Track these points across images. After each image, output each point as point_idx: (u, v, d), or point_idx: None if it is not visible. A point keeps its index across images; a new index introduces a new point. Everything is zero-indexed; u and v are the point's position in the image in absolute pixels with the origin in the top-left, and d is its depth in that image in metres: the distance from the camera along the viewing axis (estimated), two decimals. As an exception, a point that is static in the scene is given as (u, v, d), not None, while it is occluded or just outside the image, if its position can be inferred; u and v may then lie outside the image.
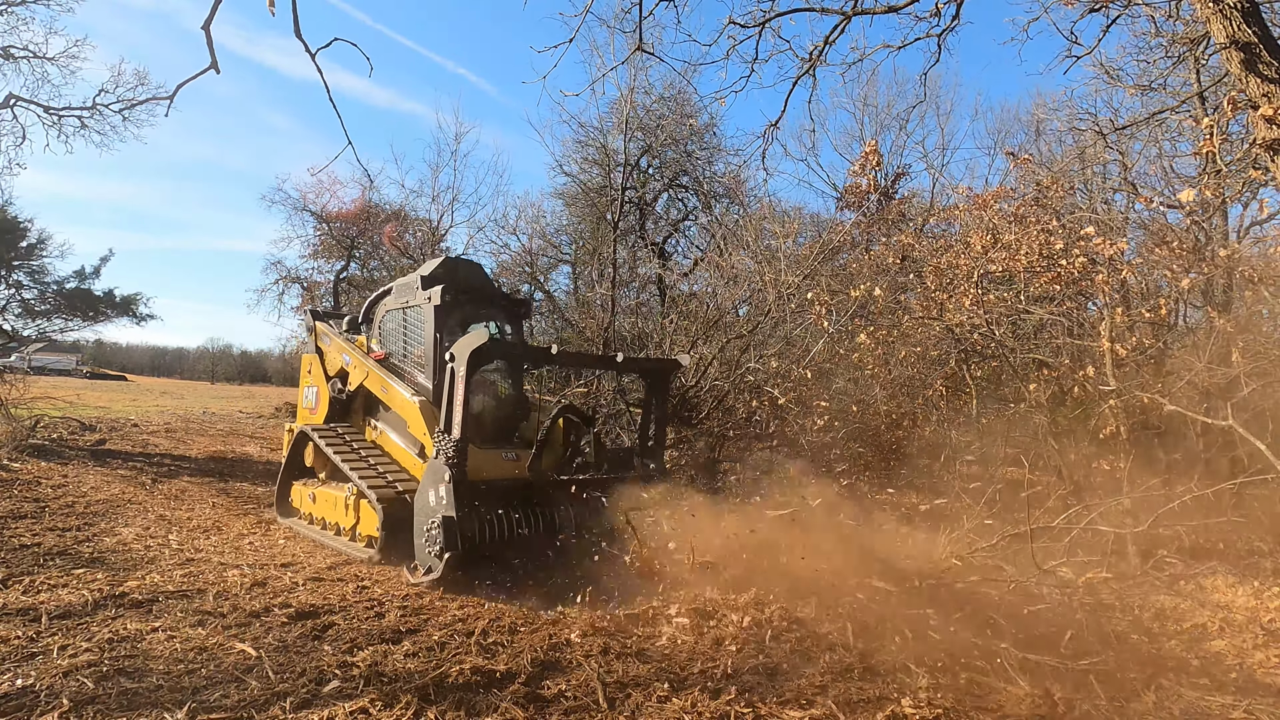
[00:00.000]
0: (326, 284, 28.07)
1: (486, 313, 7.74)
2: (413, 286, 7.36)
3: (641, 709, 3.50)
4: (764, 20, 7.31)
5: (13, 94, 14.57)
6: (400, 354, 7.55)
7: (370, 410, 7.75)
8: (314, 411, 8.35)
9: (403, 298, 7.55)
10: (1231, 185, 8.14)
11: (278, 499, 8.20)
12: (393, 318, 7.76)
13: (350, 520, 6.80)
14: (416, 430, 6.66)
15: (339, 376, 8.07)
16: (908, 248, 10.25)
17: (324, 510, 7.35)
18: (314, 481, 7.77)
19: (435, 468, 5.59)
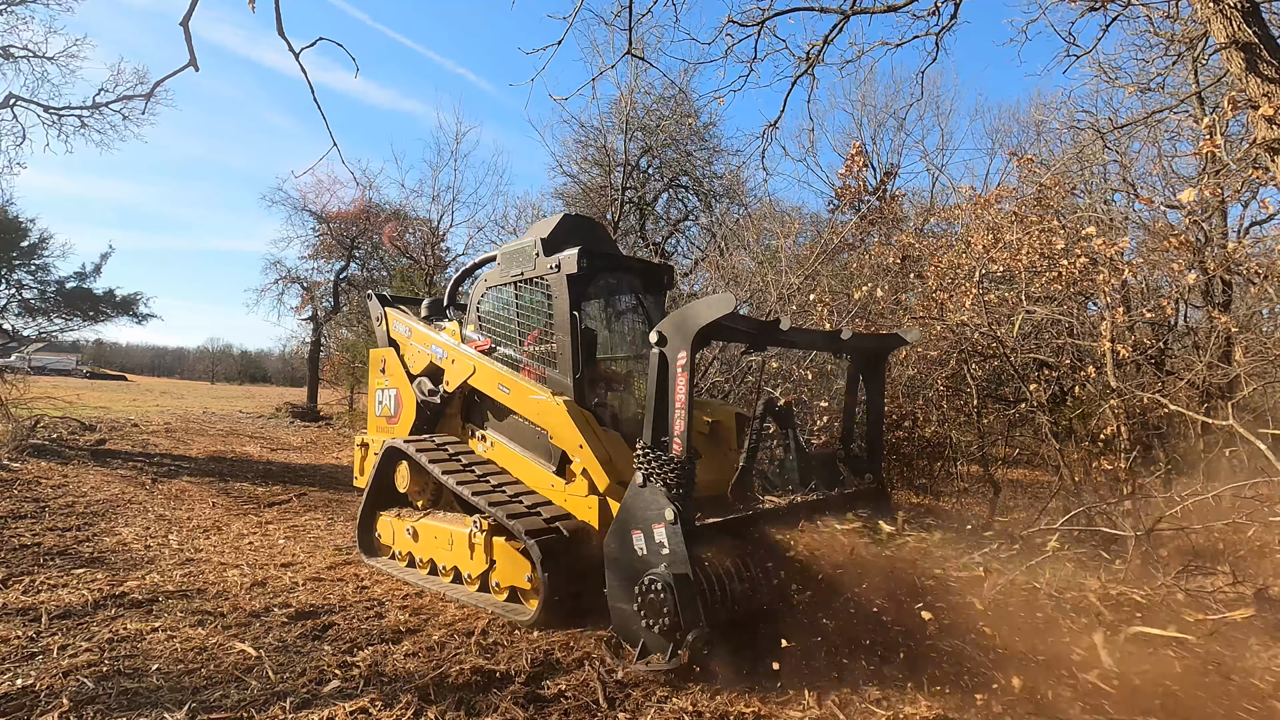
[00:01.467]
0: (326, 284, 28.11)
1: (625, 282, 6.13)
2: (528, 254, 5.68)
3: (642, 709, 3.49)
4: (762, 19, 7.31)
5: (13, 94, 14.58)
6: (512, 342, 5.88)
7: (473, 416, 6.20)
8: (394, 421, 6.73)
9: (513, 269, 5.82)
10: (1231, 185, 8.15)
11: (360, 532, 6.47)
12: (499, 296, 6.05)
13: (478, 564, 5.25)
14: (566, 441, 4.99)
15: (428, 375, 6.46)
16: (908, 247, 10.25)
17: (433, 549, 5.73)
18: (411, 512, 6.17)
19: (644, 500, 3.97)
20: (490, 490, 5.23)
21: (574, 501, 5.03)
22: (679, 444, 3.84)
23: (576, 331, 5.24)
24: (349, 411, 24.25)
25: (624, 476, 4.57)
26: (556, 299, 5.40)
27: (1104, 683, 3.49)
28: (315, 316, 28.57)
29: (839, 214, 14.99)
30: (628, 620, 3.97)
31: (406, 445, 5.90)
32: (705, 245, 18.31)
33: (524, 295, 5.80)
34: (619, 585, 4.07)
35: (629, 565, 3.99)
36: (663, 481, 3.87)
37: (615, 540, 4.12)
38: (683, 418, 3.83)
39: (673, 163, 19.73)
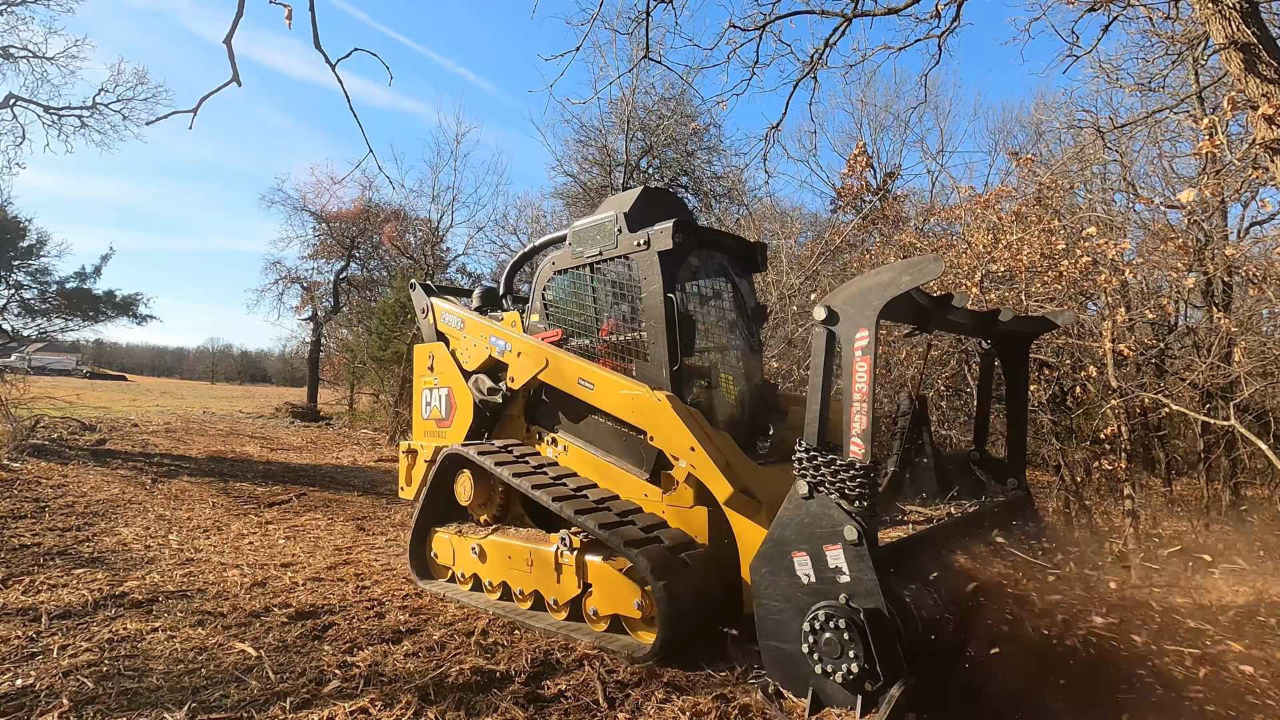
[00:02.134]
0: (326, 284, 28.13)
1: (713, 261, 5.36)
2: (607, 231, 4.95)
3: (641, 709, 3.49)
4: (764, 23, 7.32)
5: (13, 94, 14.60)
6: (585, 332, 5.20)
7: (541, 416, 5.51)
8: (445, 423, 6.03)
9: (589, 248, 5.08)
10: (1231, 185, 8.15)
11: (412, 552, 5.69)
12: (570, 281, 5.33)
13: (568, 589, 4.53)
14: (673, 443, 4.24)
15: (485, 371, 5.73)
16: (909, 247, 10.25)
17: (504, 571, 5.01)
18: (475, 528, 5.44)
19: (810, 514, 3.24)
20: (590, 506, 4.45)
21: (676, 514, 4.41)
22: (859, 445, 3.10)
23: (674, 317, 4.54)
24: (349, 412, 24.27)
25: (746, 485, 4.02)
26: (646, 280, 4.69)
27: None
28: (315, 316, 28.60)
29: (840, 214, 15.01)
30: (791, 663, 3.25)
31: (472, 452, 5.17)
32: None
33: (602, 278, 5.09)
34: (775, 619, 3.33)
35: (790, 596, 3.26)
36: (839, 491, 3.13)
37: (767, 565, 3.37)
38: (865, 413, 3.07)
39: (673, 163, 19.73)
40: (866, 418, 3.08)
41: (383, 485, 10.90)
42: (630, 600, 4.17)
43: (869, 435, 3.08)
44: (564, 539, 4.53)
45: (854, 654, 2.96)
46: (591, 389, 4.82)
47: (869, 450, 3.09)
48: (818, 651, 3.11)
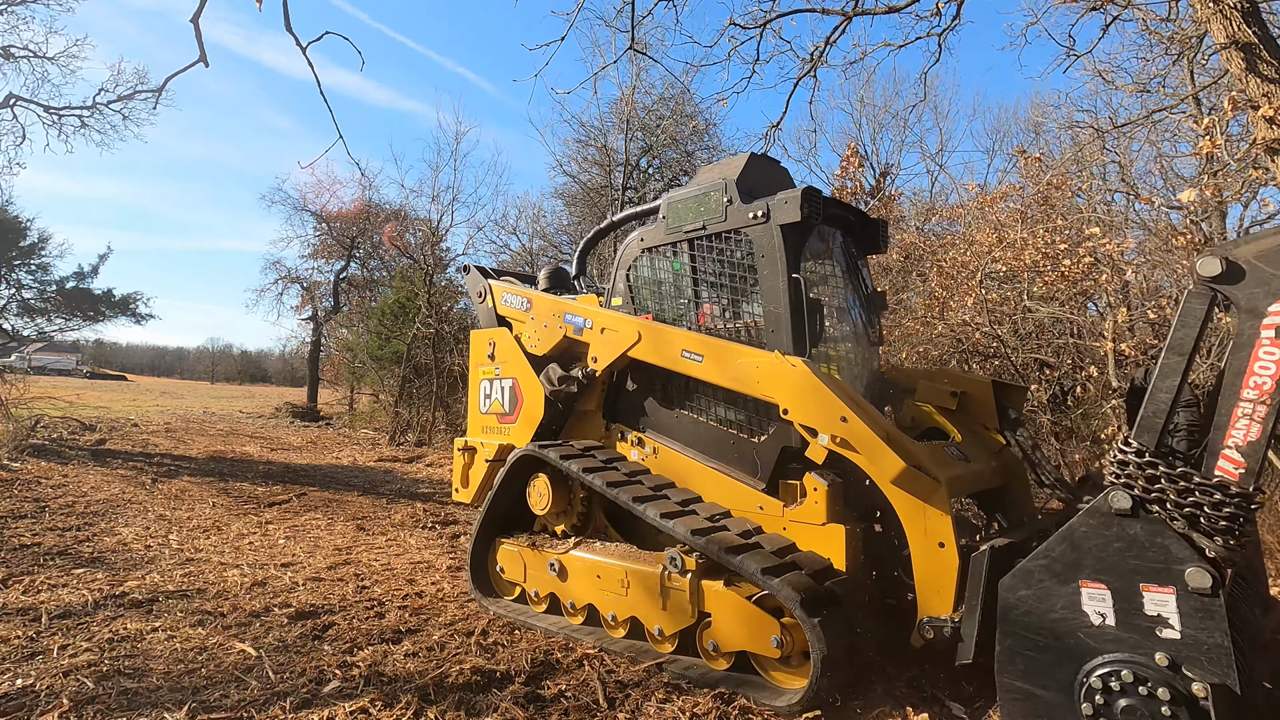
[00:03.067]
0: (326, 284, 28.14)
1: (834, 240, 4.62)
2: (714, 202, 4.27)
3: (641, 709, 3.49)
4: (765, 21, 7.34)
5: (13, 94, 14.59)
6: (680, 318, 4.56)
7: (623, 413, 4.85)
8: (508, 419, 5.33)
9: (689, 222, 4.39)
10: (1231, 185, 8.15)
11: (473, 567, 5.09)
12: (663, 260, 4.65)
13: (679, 618, 3.89)
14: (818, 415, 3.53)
15: (557, 358, 5.04)
16: (909, 246, 10.25)
17: (592, 592, 4.37)
18: (552, 540, 4.81)
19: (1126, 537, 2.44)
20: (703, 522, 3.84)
21: (800, 532, 3.77)
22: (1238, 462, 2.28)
23: (801, 300, 3.89)
24: (349, 412, 24.26)
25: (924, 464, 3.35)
26: (765, 258, 4.02)
27: None
28: (315, 316, 28.60)
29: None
30: (1045, 713, 2.54)
31: (557, 455, 4.54)
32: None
33: (704, 256, 4.42)
34: (1031, 657, 2.59)
35: (1064, 633, 2.52)
36: (1188, 519, 2.33)
37: (1032, 586, 2.60)
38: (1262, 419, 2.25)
39: (673, 163, 19.73)
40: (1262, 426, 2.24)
41: (383, 485, 10.90)
42: (766, 637, 3.51)
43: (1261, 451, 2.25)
44: (673, 559, 3.86)
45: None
46: (700, 361, 4.09)
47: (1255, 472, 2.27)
48: (1106, 716, 2.38)
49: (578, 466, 4.38)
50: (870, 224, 4.82)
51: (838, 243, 4.64)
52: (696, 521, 3.84)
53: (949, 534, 3.23)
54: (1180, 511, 2.34)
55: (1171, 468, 2.36)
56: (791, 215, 3.93)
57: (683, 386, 4.47)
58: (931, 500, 3.29)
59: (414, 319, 17.38)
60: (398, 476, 11.83)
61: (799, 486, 3.79)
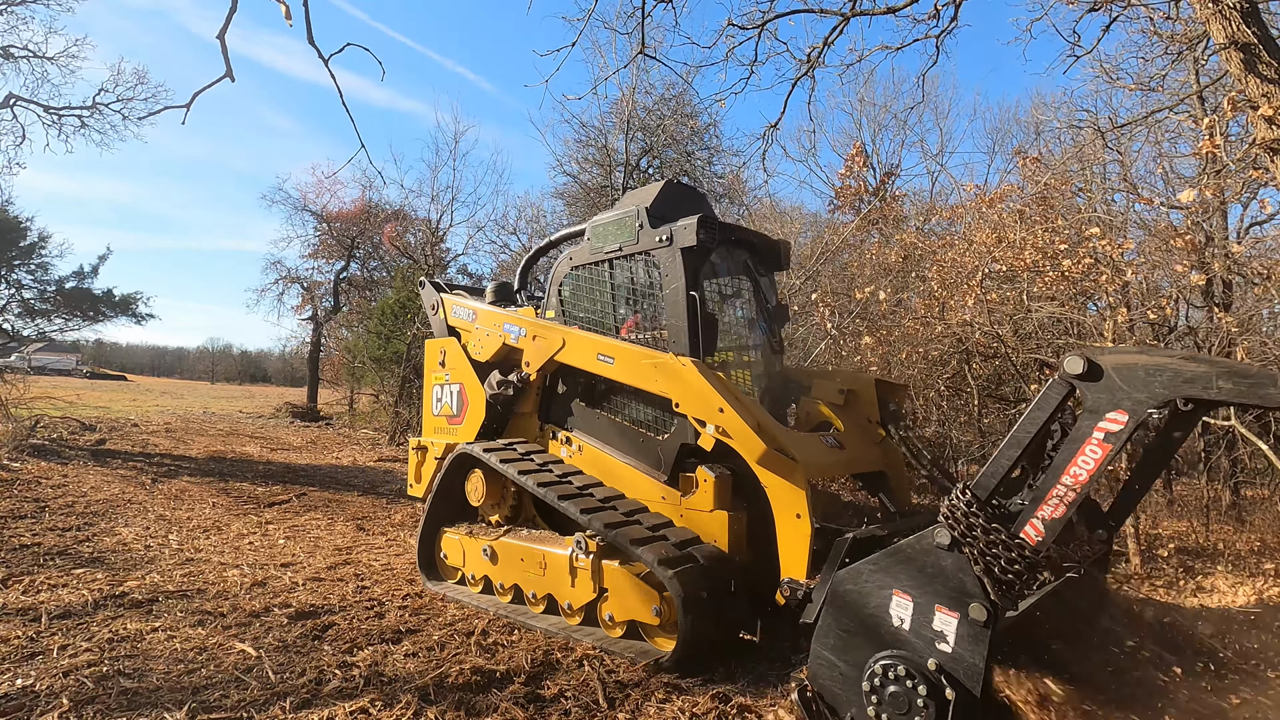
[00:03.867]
0: (326, 284, 28.14)
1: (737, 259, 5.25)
2: (628, 226, 4.82)
3: (641, 709, 3.49)
4: (762, 22, 7.33)
5: (13, 94, 14.61)
6: (604, 329, 5.03)
7: (555, 414, 5.40)
8: (456, 420, 5.89)
9: (608, 244, 4.97)
10: (1232, 185, 8.15)
11: (421, 555, 5.65)
12: (588, 276, 5.16)
13: (583, 593, 4.45)
14: (700, 406, 4.09)
15: (498, 364, 5.59)
16: (910, 247, 10.26)
17: (516, 574, 4.93)
18: (486, 529, 5.37)
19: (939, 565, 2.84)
20: (602, 508, 4.41)
21: (694, 518, 4.30)
22: (1039, 531, 2.65)
23: (696, 315, 4.40)
24: (349, 412, 24.27)
25: (784, 446, 3.86)
26: (669, 277, 4.58)
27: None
28: (315, 316, 28.60)
29: (839, 214, 15.01)
30: (841, 683, 3.02)
31: (483, 451, 5.12)
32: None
33: (622, 274, 4.98)
34: (844, 636, 3.06)
35: (871, 625, 2.97)
36: (986, 565, 2.70)
37: (859, 585, 3.03)
38: (1070, 503, 2.60)
39: (673, 163, 19.73)
40: (1066, 510, 2.61)
41: (382, 485, 10.90)
42: (648, 607, 4.08)
43: (1058, 528, 2.63)
44: (579, 542, 4.41)
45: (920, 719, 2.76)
46: (612, 363, 4.69)
47: (1048, 543, 2.63)
48: (878, 696, 2.86)
49: (498, 459, 4.97)
50: (773, 245, 5.42)
51: (743, 262, 5.27)
52: (588, 503, 4.44)
53: (804, 507, 3.76)
54: (983, 557, 2.73)
55: (988, 522, 2.74)
56: (689, 240, 4.47)
57: (603, 390, 5.07)
58: (791, 478, 3.83)
59: (414, 319, 17.38)
60: (398, 476, 11.83)
61: (693, 478, 4.32)
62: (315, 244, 27.66)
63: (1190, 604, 4.46)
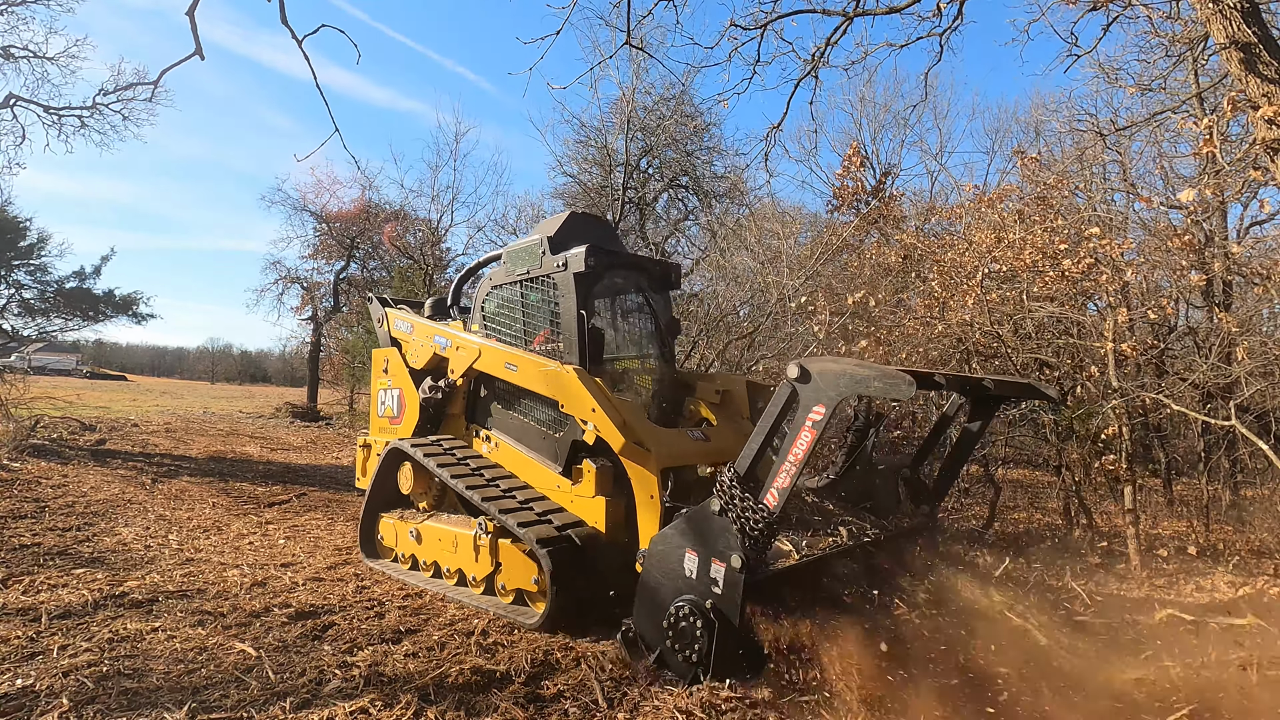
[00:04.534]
0: (326, 284, 28.12)
1: (632, 280, 6.04)
2: (534, 253, 5.59)
3: (640, 709, 3.49)
4: (765, 22, 7.32)
5: (13, 94, 14.59)
6: (518, 342, 5.76)
7: (478, 415, 6.08)
8: (396, 421, 6.65)
9: (519, 267, 5.72)
10: (1232, 185, 8.15)
11: (362, 537, 6.39)
12: (503, 295, 5.94)
13: (484, 567, 5.19)
14: (576, 407, 4.86)
15: (431, 371, 6.32)
16: (909, 247, 10.25)
17: (435, 552, 5.66)
18: (414, 514, 6.11)
19: (713, 528, 3.70)
20: (499, 495, 5.13)
21: (580, 504, 4.96)
22: (775, 498, 3.52)
23: (584, 330, 5.16)
24: (349, 412, 24.27)
25: (643, 439, 4.61)
26: (564, 297, 5.32)
27: None
28: (315, 316, 28.57)
29: (838, 215, 15.00)
30: (653, 626, 3.87)
31: (410, 446, 5.84)
32: (705, 245, 18.30)
33: (530, 294, 5.70)
34: (654, 586, 3.90)
35: (671, 576, 3.82)
36: (741, 525, 3.56)
37: (665, 545, 3.87)
38: (792, 475, 3.48)
39: (673, 163, 19.72)
40: (791, 479, 3.51)
41: (383, 485, 10.89)
42: (529, 578, 4.80)
43: (786, 493, 3.52)
44: (481, 524, 5.18)
45: (698, 647, 3.64)
46: (515, 371, 5.48)
47: (780, 505, 3.54)
48: (674, 630, 3.75)
49: (421, 453, 5.68)
50: (665, 268, 6.20)
51: (637, 283, 6.04)
52: (490, 493, 5.13)
53: (655, 490, 4.49)
54: (739, 519, 3.59)
55: (743, 492, 3.63)
56: (579, 266, 5.23)
57: (514, 394, 5.72)
58: (646, 465, 4.56)
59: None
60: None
61: (581, 470, 4.98)
62: (315, 244, 27.64)
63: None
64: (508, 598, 5.01)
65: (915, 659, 3.81)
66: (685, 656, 3.68)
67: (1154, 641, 4.37)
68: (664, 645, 3.79)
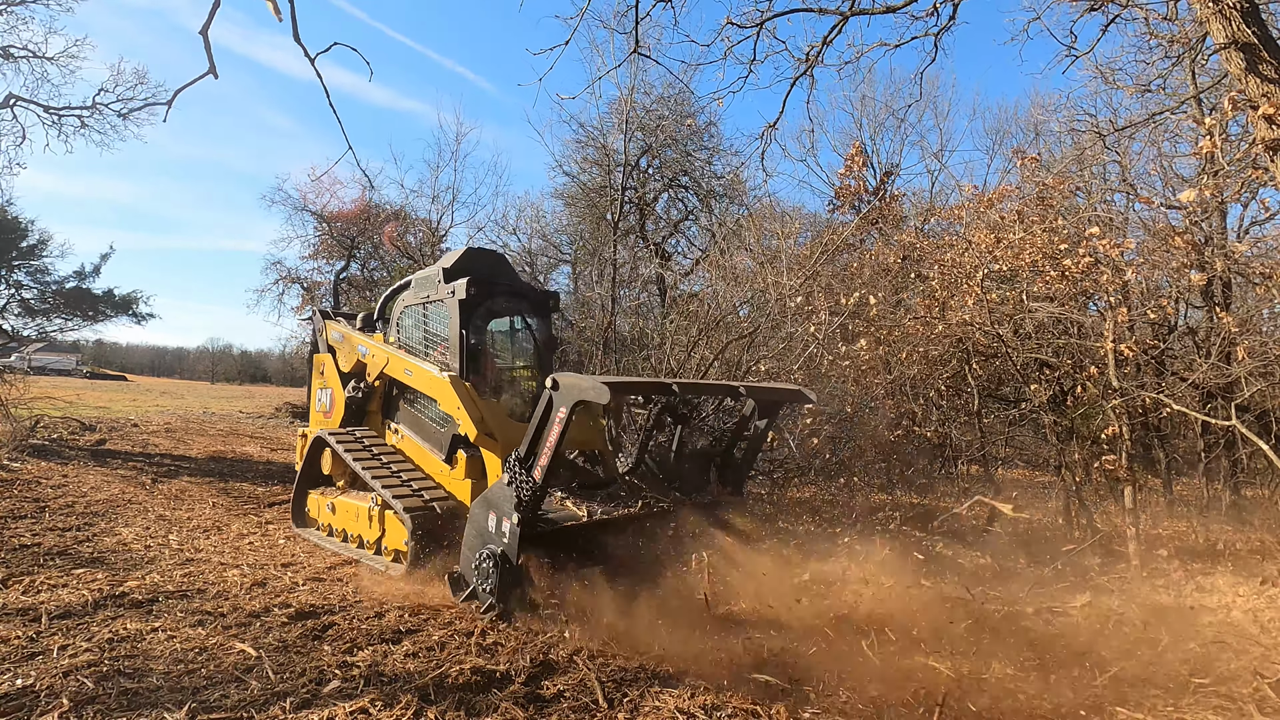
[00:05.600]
0: (326, 284, 28.08)
1: (513, 305, 7.24)
2: (434, 280, 6.82)
3: (640, 709, 3.49)
4: (761, 21, 7.30)
5: (13, 94, 14.59)
6: (422, 351, 7.01)
7: (390, 412, 7.33)
8: (328, 415, 7.85)
9: (423, 292, 7.01)
10: (1231, 185, 8.14)
11: (294, 509, 7.64)
12: (412, 313, 7.23)
13: (374, 533, 6.37)
14: (448, 406, 6.15)
15: (355, 374, 7.57)
16: (909, 247, 10.25)
17: (344, 521, 6.89)
18: (332, 490, 7.33)
19: (504, 495, 4.87)
20: (387, 475, 6.36)
21: (455, 485, 6.11)
22: (539, 473, 4.72)
23: (464, 345, 6.46)
24: (349, 412, 24.18)
25: (492, 431, 5.88)
26: (450, 318, 6.59)
27: None
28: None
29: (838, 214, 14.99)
30: (468, 566, 5.06)
31: (328, 435, 7.14)
32: (705, 245, 18.30)
33: (430, 314, 6.97)
34: (470, 539, 5.10)
35: (483, 531, 5.03)
36: (518, 493, 4.77)
37: (479, 509, 5.10)
38: (548, 456, 4.71)
39: (672, 163, 19.71)
40: (547, 459, 4.69)
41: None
42: (403, 539, 5.86)
43: (545, 471, 4.70)
44: (373, 499, 6.41)
45: (490, 580, 4.82)
46: (411, 376, 6.75)
47: (543, 479, 4.72)
48: (479, 570, 4.93)
49: (334, 440, 7.01)
50: (543, 296, 7.41)
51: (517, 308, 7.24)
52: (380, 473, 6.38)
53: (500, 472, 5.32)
54: (517, 489, 4.76)
55: (521, 469, 4.79)
56: (461, 294, 6.43)
57: (413, 395, 6.94)
58: (494, 451, 5.82)
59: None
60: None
61: (458, 458, 6.11)
62: (315, 244, 27.61)
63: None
64: (389, 556, 6.17)
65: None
66: (486, 590, 4.85)
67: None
68: (474, 583, 4.98)
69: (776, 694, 3.75)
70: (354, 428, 7.32)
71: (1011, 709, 3.68)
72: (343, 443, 6.91)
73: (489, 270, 7.05)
